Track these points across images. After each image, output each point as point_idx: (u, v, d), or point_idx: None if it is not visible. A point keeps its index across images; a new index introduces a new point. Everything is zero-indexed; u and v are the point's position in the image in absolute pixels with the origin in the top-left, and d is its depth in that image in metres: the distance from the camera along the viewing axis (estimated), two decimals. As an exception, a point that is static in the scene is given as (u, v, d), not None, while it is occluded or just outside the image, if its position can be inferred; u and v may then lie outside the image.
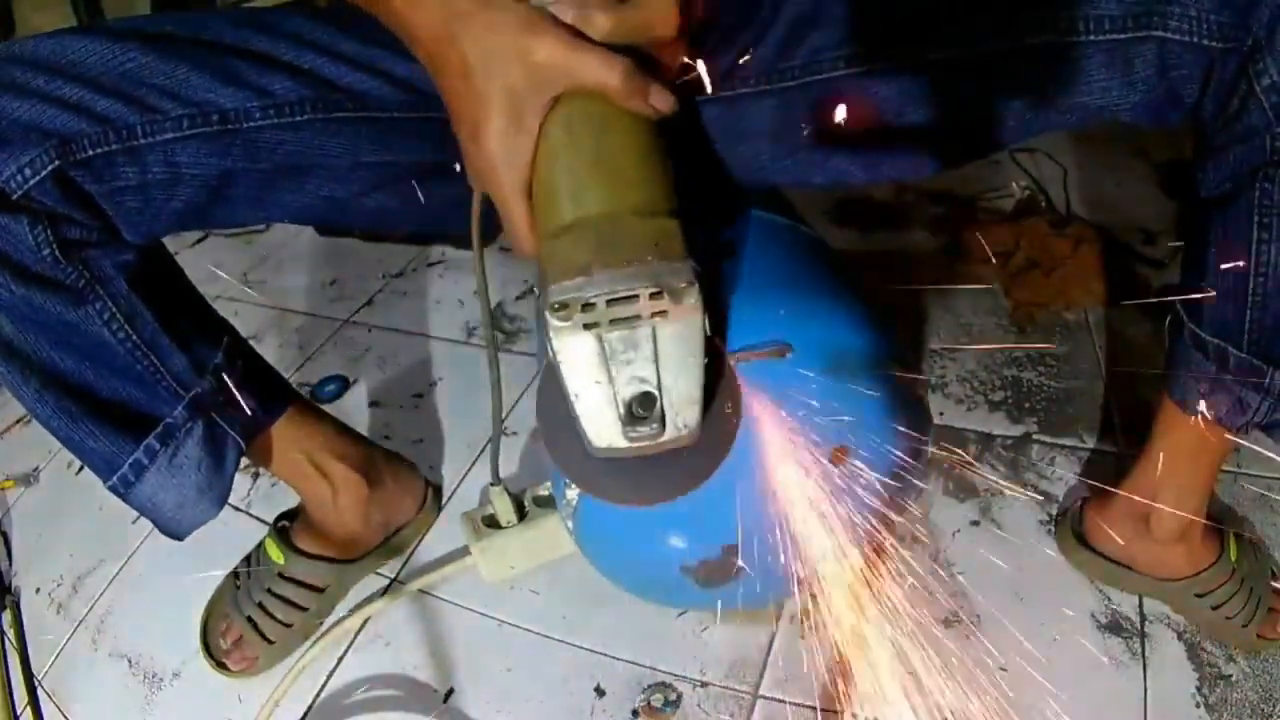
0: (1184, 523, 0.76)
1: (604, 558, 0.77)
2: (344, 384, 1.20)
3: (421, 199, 0.67)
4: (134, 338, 0.65)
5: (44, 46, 0.57)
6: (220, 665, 0.86)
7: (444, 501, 1.01)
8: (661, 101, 0.47)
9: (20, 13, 1.70)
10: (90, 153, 0.57)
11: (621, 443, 0.44)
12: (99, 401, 0.66)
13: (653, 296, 0.41)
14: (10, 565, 1.02)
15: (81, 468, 1.13)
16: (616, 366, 0.43)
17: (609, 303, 0.41)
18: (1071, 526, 0.85)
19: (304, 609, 0.87)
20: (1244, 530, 0.85)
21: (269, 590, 0.86)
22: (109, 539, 1.01)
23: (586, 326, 0.42)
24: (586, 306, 0.41)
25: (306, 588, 0.87)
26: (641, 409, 0.43)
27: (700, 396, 0.44)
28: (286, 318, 1.36)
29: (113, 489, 0.69)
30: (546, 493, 0.92)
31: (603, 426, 0.44)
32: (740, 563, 0.72)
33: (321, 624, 0.89)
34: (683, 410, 0.44)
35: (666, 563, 0.73)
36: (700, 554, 0.72)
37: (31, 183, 0.55)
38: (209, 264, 1.44)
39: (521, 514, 0.89)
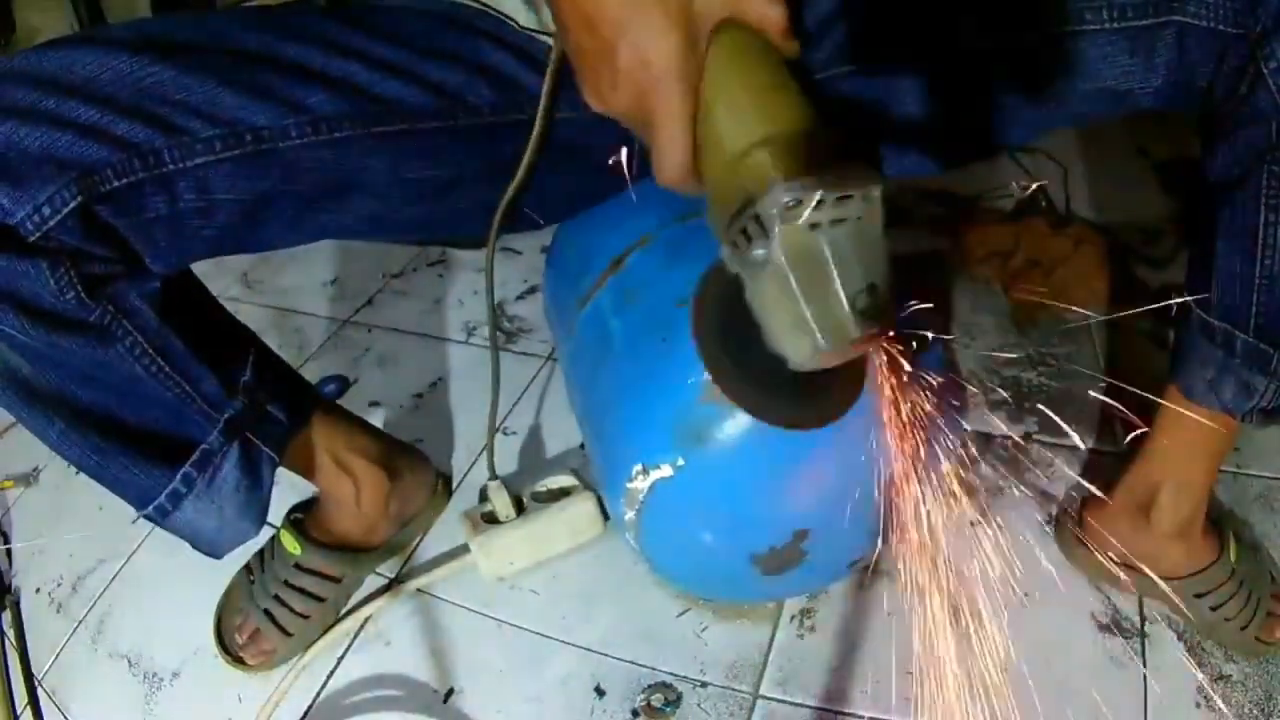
0: (1184, 519, 0.76)
1: (670, 553, 0.77)
2: (344, 384, 1.20)
3: (457, 207, 0.66)
4: (165, 368, 0.62)
5: (48, 61, 0.52)
6: (237, 660, 0.85)
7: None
8: (797, 49, 0.46)
9: (19, 12, 1.70)
10: (115, 184, 0.52)
11: (853, 334, 0.44)
12: (129, 434, 0.63)
13: (864, 200, 0.43)
14: (10, 565, 1.02)
15: (81, 468, 1.13)
16: (835, 265, 0.44)
17: (837, 201, 0.42)
18: (1071, 526, 0.85)
19: (321, 599, 0.87)
20: (1244, 531, 0.85)
21: (285, 582, 0.86)
22: (109, 539, 1.01)
23: (812, 227, 0.43)
24: (819, 204, 0.42)
25: (323, 578, 0.87)
26: (867, 301, 0.44)
27: (893, 289, 0.45)
28: (286, 318, 1.36)
29: (148, 520, 0.67)
30: (545, 489, 0.92)
31: (836, 322, 0.44)
32: (805, 547, 0.74)
33: (338, 614, 0.89)
34: (890, 305, 0.45)
35: (737, 552, 0.74)
36: (771, 540, 0.73)
37: (52, 223, 0.50)
38: (209, 264, 1.44)
39: (520, 509, 0.89)
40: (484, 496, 0.91)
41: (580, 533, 0.91)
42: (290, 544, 0.87)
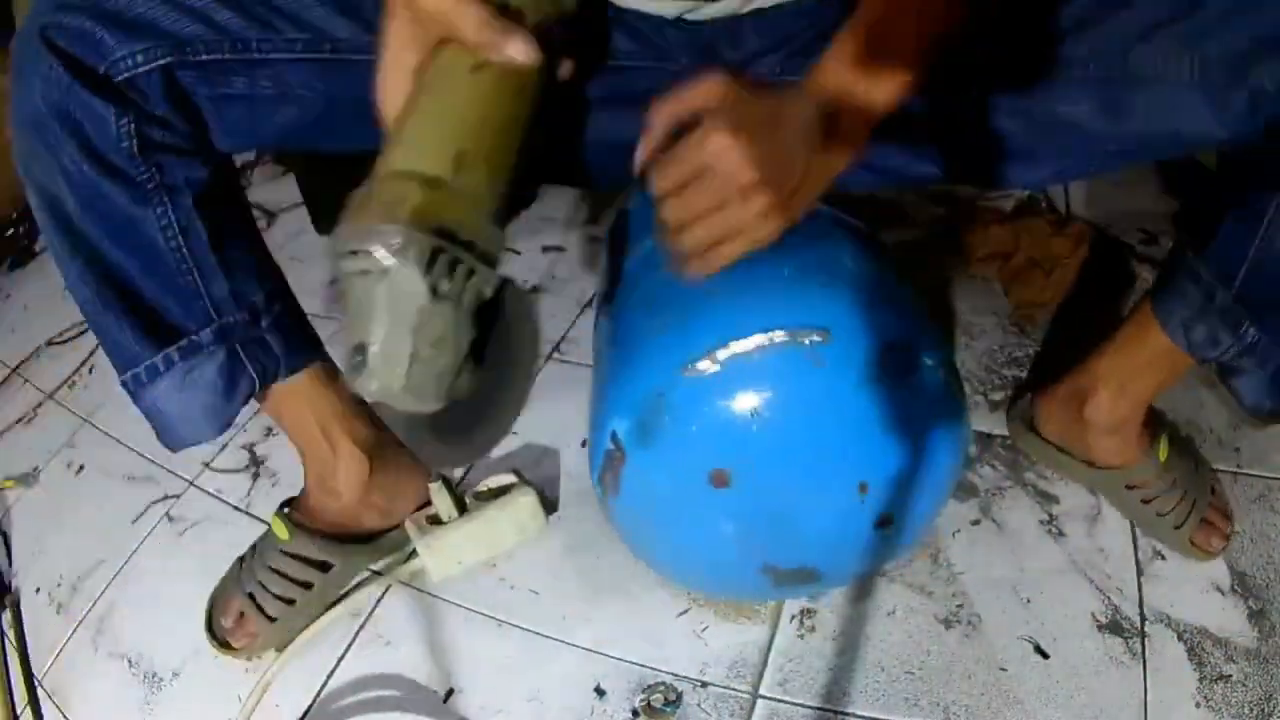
0: (1119, 419, 0.83)
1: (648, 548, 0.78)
2: (344, 384, 1.20)
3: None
4: (184, 249, 0.67)
5: None
6: (224, 645, 0.86)
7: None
8: (518, 51, 0.51)
9: (19, 14, 1.70)
10: (204, 57, 0.61)
11: (351, 387, 0.48)
12: (134, 299, 0.68)
13: (367, 254, 0.45)
14: (10, 565, 1.02)
15: (82, 467, 1.13)
16: (353, 316, 0.48)
17: (348, 254, 0.46)
18: (1021, 411, 0.92)
19: (307, 585, 0.87)
20: (1178, 435, 0.90)
21: (270, 567, 0.86)
22: (109, 539, 1.01)
23: (349, 274, 0.47)
24: (339, 256, 0.47)
25: (310, 564, 0.87)
26: (354, 359, 0.48)
27: (405, 364, 0.47)
28: (286, 318, 1.36)
29: (124, 385, 0.71)
30: (486, 488, 0.93)
31: (342, 359, 0.49)
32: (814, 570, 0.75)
33: (325, 605, 0.88)
34: (387, 367, 0.47)
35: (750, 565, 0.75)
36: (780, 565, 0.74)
37: (140, 69, 0.59)
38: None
39: (462, 509, 0.90)
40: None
41: (525, 529, 0.92)
42: (280, 530, 0.87)
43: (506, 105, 0.52)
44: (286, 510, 0.90)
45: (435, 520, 0.90)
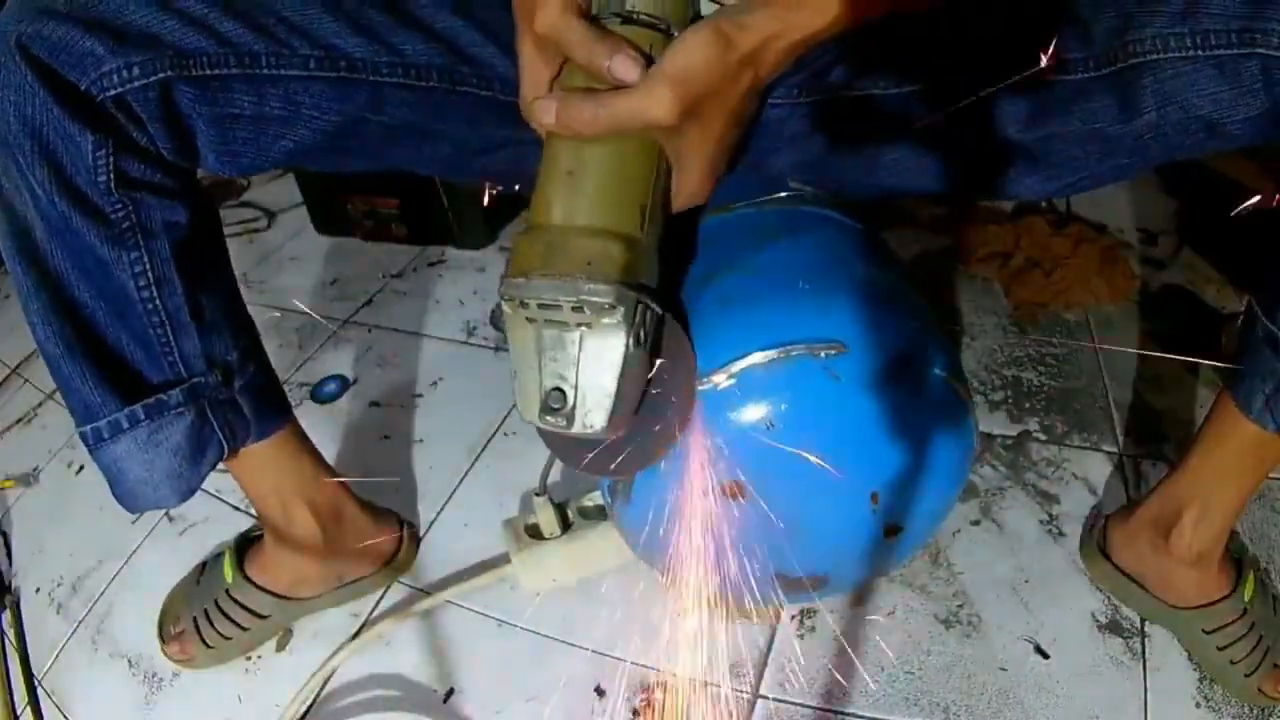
0: (1203, 547, 0.74)
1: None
2: (344, 384, 1.20)
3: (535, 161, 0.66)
4: (156, 301, 0.63)
5: None
6: (164, 649, 0.86)
7: (443, 503, 1.01)
8: (623, 68, 0.47)
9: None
10: (207, 72, 0.55)
11: (539, 423, 0.52)
12: (100, 345, 0.64)
13: (574, 309, 0.48)
14: (10, 565, 1.02)
15: (82, 468, 1.13)
16: (545, 359, 0.50)
17: (540, 306, 0.48)
18: (1095, 538, 0.84)
19: (244, 629, 0.86)
20: (1265, 577, 0.81)
21: (215, 601, 0.86)
22: (109, 539, 1.01)
23: (528, 320, 0.49)
24: (524, 304, 0.48)
25: (248, 611, 0.85)
26: (554, 402, 0.50)
27: (610, 403, 0.50)
28: (286, 318, 1.36)
29: (82, 438, 0.66)
30: (592, 503, 0.90)
31: (526, 404, 0.52)
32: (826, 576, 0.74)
33: (262, 641, 0.87)
34: (592, 412, 0.50)
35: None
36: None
37: (133, 84, 0.53)
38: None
39: (566, 526, 0.87)
40: (528, 506, 0.89)
41: (624, 551, 0.85)
42: (227, 570, 0.86)
43: (659, 156, 0.52)
44: (242, 543, 0.90)
45: (535, 533, 0.87)
